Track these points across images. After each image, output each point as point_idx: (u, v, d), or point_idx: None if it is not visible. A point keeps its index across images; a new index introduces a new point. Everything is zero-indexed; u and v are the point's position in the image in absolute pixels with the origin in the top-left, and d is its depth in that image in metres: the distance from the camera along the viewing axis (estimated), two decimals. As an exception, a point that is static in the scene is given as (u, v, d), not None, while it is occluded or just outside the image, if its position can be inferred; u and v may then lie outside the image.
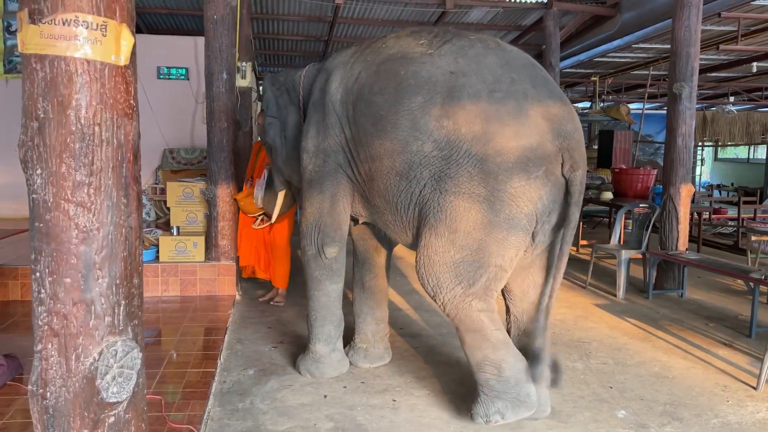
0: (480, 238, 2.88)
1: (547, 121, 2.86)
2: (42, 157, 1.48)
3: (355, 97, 3.21)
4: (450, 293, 2.97)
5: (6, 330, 4.18)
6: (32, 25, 1.44)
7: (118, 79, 1.52)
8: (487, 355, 2.98)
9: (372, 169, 3.16)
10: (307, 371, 3.67)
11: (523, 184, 2.82)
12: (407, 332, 4.57)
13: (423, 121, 2.92)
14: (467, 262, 2.91)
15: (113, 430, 1.57)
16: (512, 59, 3.01)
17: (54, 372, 1.52)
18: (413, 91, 2.96)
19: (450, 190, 2.88)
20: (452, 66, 2.95)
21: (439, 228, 2.93)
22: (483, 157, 2.82)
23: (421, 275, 3.04)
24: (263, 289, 5.81)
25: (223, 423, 3.09)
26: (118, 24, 1.50)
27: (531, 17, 8.81)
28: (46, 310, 1.51)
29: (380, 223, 3.39)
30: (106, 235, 1.53)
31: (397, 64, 3.08)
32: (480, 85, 2.88)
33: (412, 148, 2.94)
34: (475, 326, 2.98)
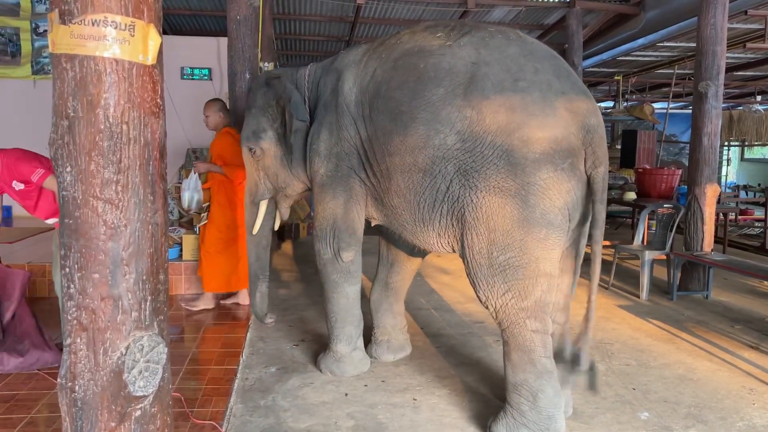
0: (521, 238, 2.78)
1: (571, 113, 2.78)
2: (72, 155, 1.51)
3: (372, 95, 3.16)
4: (501, 299, 2.86)
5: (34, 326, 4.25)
6: (62, 25, 1.47)
7: (145, 78, 1.55)
8: (528, 379, 2.85)
9: (391, 167, 3.09)
10: (329, 370, 3.69)
11: (552, 176, 2.73)
12: (428, 332, 4.57)
13: (445, 113, 2.84)
14: (514, 266, 2.80)
15: (139, 423, 1.60)
16: (535, 50, 2.94)
17: (83, 365, 1.55)
18: (434, 84, 2.90)
19: (479, 186, 2.80)
20: (473, 56, 2.87)
21: (478, 227, 2.85)
22: (509, 148, 2.73)
23: (472, 280, 2.96)
24: (286, 288, 5.85)
25: (245, 419, 3.12)
26: (146, 24, 1.53)
27: (553, 16, 8.76)
28: (75, 305, 1.55)
29: (395, 224, 3.31)
30: (133, 232, 1.56)
31: (415, 58, 3.02)
32: (503, 75, 2.81)
33: (434, 141, 2.87)
34: (525, 346, 2.85)
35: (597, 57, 9.59)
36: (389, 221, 3.37)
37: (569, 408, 3.17)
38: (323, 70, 3.56)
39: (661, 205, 6.25)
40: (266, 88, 3.66)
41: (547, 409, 2.84)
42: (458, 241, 2.99)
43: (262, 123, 3.65)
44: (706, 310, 5.33)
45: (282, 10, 8.45)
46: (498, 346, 4.23)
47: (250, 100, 3.75)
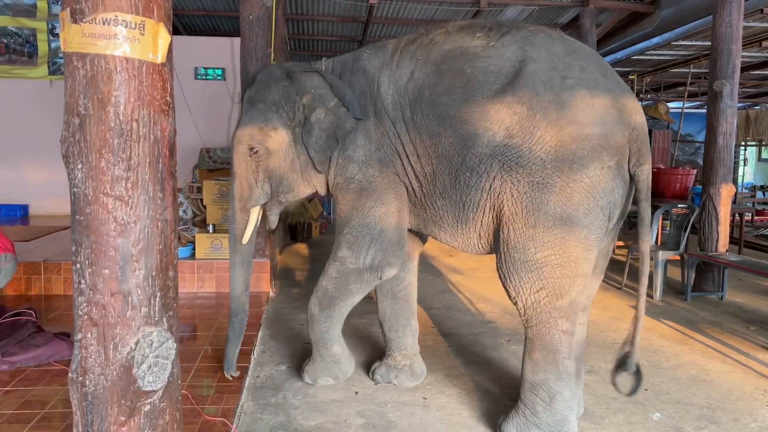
0: (562, 236, 2.75)
1: (618, 111, 2.77)
2: (83, 153, 1.53)
3: (412, 99, 3.06)
4: (533, 297, 2.83)
5: (50, 323, 4.31)
6: (74, 24, 1.49)
7: (155, 77, 1.57)
8: (548, 380, 2.84)
9: (437, 169, 3.02)
10: (331, 376, 3.53)
11: (598, 174, 2.72)
12: (439, 331, 4.57)
13: (494, 110, 2.82)
14: (551, 264, 2.78)
15: (149, 418, 1.62)
16: (579, 48, 2.94)
17: (93, 360, 1.57)
18: (483, 87, 2.87)
19: (523, 180, 2.78)
20: (520, 54, 2.86)
21: (516, 222, 2.83)
22: (558, 144, 2.72)
23: (503, 275, 2.92)
24: (298, 287, 5.87)
25: (255, 417, 3.14)
26: (156, 23, 1.55)
27: (566, 15, 8.71)
28: (85, 300, 1.57)
29: (432, 227, 3.21)
30: (142, 228, 1.58)
31: (460, 62, 2.95)
32: (552, 72, 2.80)
33: (483, 139, 2.85)
34: (552, 347, 2.83)
35: (611, 56, 9.52)
36: (426, 225, 3.25)
37: (581, 408, 3.16)
38: (344, 69, 3.33)
39: (675, 205, 6.20)
40: (287, 82, 3.29)
41: (562, 411, 2.83)
42: (495, 237, 2.95)
43: (273, 120, 3.28)
44: (720, 311, 5.28)
45: (295, 11, 8.48)
46: (508, 347, 4.22)
47: (258, 93, 3.35)
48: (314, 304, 3.42)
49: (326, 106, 3.19)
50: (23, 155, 7.93)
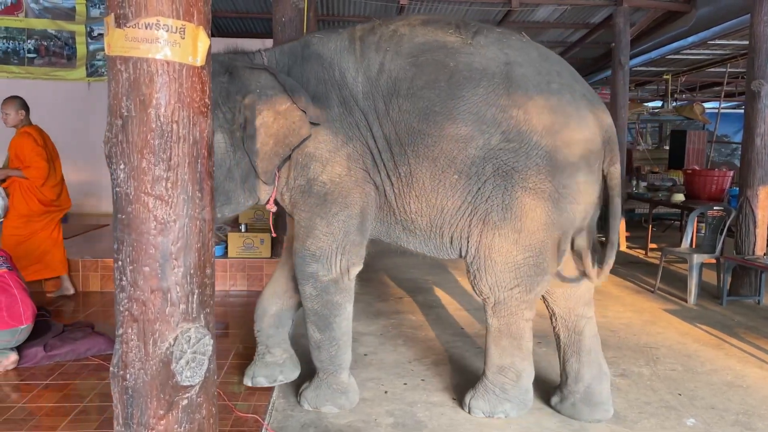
0: (542, 239, 2.90)
1: (594, 115, 2.91)
2: (125, 153, 1.58)
3: (386, 92, 2.91)
4: (506, 293, 2.98)
5: (87, 319, 4.42)
6: (118, 29, 1.54)
7: (194, 79, 1.61)
8: (515, 362, 3.08)
9: (416, 170, 2.92)
10: (335, 405, 3.20)
11: (586, 179, 2.88)
12: (469, 332, 4.56)
13: (490, 113, 2.82)
14: (529, 264, 2.93)
15: (186, 412, 1.66)
16: (548, 54, 3.03)
17: (133, 355, 1.62)
18: (471, 83, 2.83)
19: (516, 186, 2.84)
20: (503, 57, 2.87)
21: (504, 228, 2.90)
22: (553, 149, 2.81)
23: (479, 275, 3.01)
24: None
25: (286, 414, 3.18)
26: (196, 27, 1.58)
27: (600, 14, 8.61)
28: (126, 296, 1.61)
29: (400, 232, 3.13)
30: (181, 227, 1.61)
31: (441, 55, 2.88)
32: (538, 77, 2.86)
33: (477, 142, 2.84)
34: (518, 334, 3.06)
35: (645, 56, 9.40)
36: (390, 230, 3.15)
37: (609, 407, 3.14)
38: (294, 58, 3.03)
39: (711, 207, 6.08)
40: (226, 78, 2.86)
41: (526, 384, 3.12)
42: (469, 239, 2.99)
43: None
44: (757, 315, 5.16)
45: (326, 12, 8.54)
46: (538, 349, 4.19)
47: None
48: (313, 330, 3.17)
49: (275, 108, 2.83)
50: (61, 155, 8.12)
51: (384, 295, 5.64)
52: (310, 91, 2.93)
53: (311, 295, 3.10)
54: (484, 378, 3.17)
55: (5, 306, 3.50)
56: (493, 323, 3.09)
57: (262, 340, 3.43)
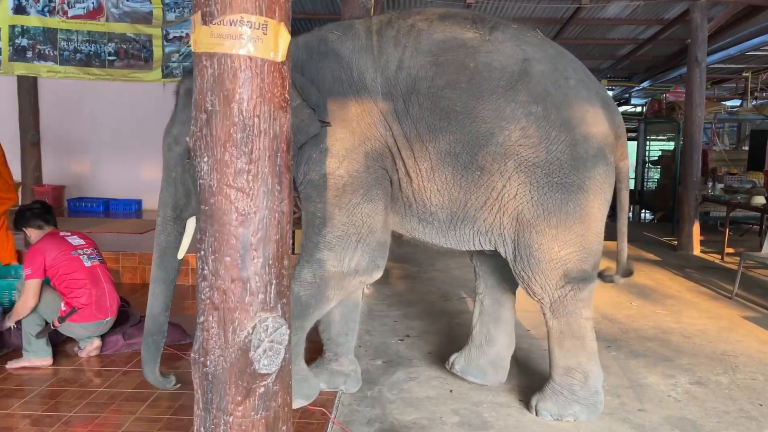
0: (582, 232, 2.93)
1: (607, 110, 2.99)
2: (209, 146, 1.63)
3: (406, 90, 2.90)
4: (559, 292, 2.99)
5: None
6: (204, 26, 1.59)
7: (275, 75, 1.64)
8: (581, 362, 3.06)
9: (437, 165, 2.92)
10: (301, 396, 3.10)
11: (605, 170, 2.95)
12: (536, 334, 4.49)
13: (510, 109, 2.85)
14: (575, 260, 2.94)
15: (263, 399, 1.70)
16: (563, 51, 3.08)
17: (214, 342, 1.67)
18: (490, 83, 2.86)
19: (542, 182, 2.88)
20: (520, 53, 2.90)
21: (539, 225, 2.91)
22: (572, 143, 2.86)
23: (527, 277, 3.01)
24: (390, 285, 5.94)
25: (352, 408, 3.21)
26: (277, 23, 1.62)
27: (675, 10, 8.29)
28: (208, 285, 1.67)
29: (416, 224, 3.10)
30: (261, 219, 1.65)
31: (461, 55, 2.88)
32: (555, 73, 2.91)
33: (498, 139, 2.86)
34: (579, 334, 3.05)
35: (723, 52, 8.99)
36: (405, 222, 3.12)
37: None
38: (310, 52, 3.00)
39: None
40: None
41: (595, 385, 3.09)
42: (504, 238, 3.01)
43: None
44: None
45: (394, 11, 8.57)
46: (608, 353, 4.08)
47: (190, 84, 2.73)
48: None
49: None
50: (137, 154, 8.51)
51: (447, 294, 5.62)
52: (326, 89, 2.90)
53: (305, 281, 2.99)
54: (551, 380, 3.14)
55: (95, 299, 3.68)
56: (553, 325, 3.08)
57: (331, 348, 3.44)
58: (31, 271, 3.60)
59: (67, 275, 3.64)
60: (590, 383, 3.07)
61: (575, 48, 10.76)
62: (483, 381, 3.44)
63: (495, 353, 3.47)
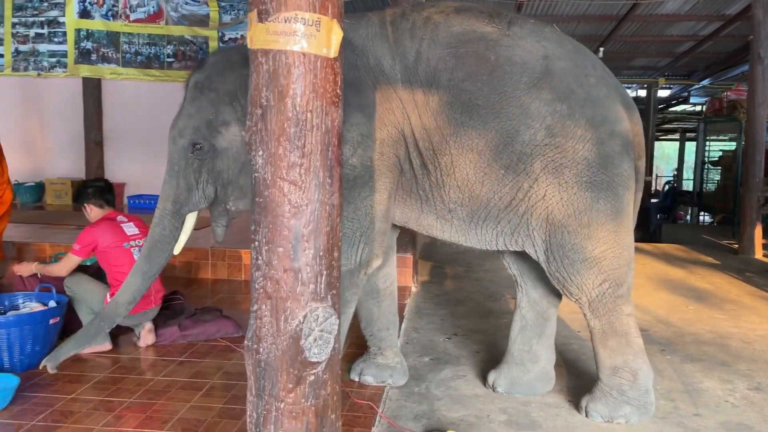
0: (614, 229, 2.90)
1: (625, 107, 2.97)
2: (264, 140, 1.68)
3: (426, 81, 2.82)
4: (596, 290, 2.93)
5: (215, 304, 4.73)
6: (259, 23, 1.64)
7: (327, 70, 1.68)
8: (628, 361, 3.00)
9: (458, 161, 2.85)
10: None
11: (629, 167, 2.93)
12: (583, 336, 4.41)
13: (534, 107, 2.78)
14: (609, 256, 2.90)
15: (313, 387, 1.74)
16: (580, 46, 3.04)
17: (266, 330, 1.72)
18: (512, 78, 2.79)
19: (571, 182, 2.82)
20: (541, 50, 2.84)
21: (571, 225, 2.86)
22: (599, 141, 2.82)
23: (562, 278, 2.95)
24: (437, 284, 5.95)
25: (400, 404, 3.24)
26: (330, 19, 1.66)
27: (736, 5, 8.04)
28: (261, 275, 1.72)
29: (433, 220, 3.02)
30: (313, 211, 1.70)
31: (481, 47, 2.82)
32: (576, 70, 2.88)
33: (523, 137, 2.79)
34: (623, 331, 2.99)
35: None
36: (421, 219, 3.05)
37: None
38: None
39: None
40: (248, 71, 2.80)
41: (645, 384, 3.02)
42: (534, 239, 2.93)
43: (224, 114, 2.84)
44: None
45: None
46: (663, 357, 3.98)
47: (210, 80, 2.88)
48: None
49: None
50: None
51: (494, 294, 5.58)
52: (348, 77, 2.74)
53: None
54: (599, 382, 3.08)
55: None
56: (594, 325, 3.03)
57: (374, 342, 3.46)
58: (79, 248, 3.75)
59: (114, 266, 3.73)
60: (639, 382, 3.00)
61: (631, 45, 10.54)
62: (532, 395, 3.34)
63: (539, 369, 3.36)
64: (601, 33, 9.56)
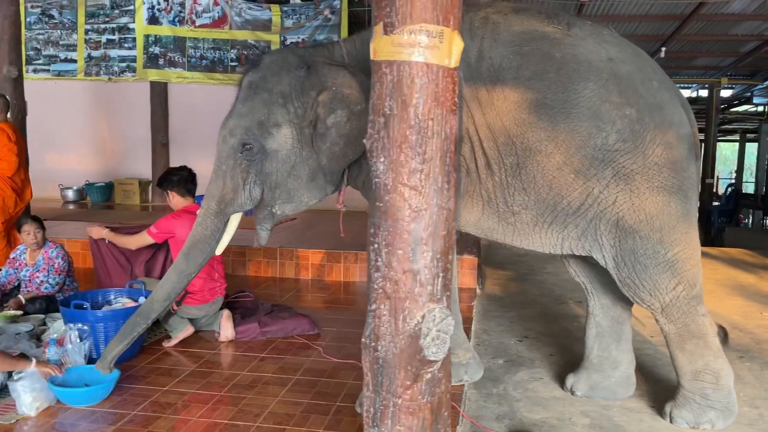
0: (685, 230, 2.88)
1: (685, 110, 2.95)
2: (385, 147, 1.76)
3: (489, 79, 2.77)
4: (671, 294, 2.89)
5: (284, 302, 4.85)
6: (385, 36, 1.72)
7: (448, 80, 1.75)
8: (708, 363, 2.95)
9: (524, 162, 2.79)
10: None
11: (695, 169, 2.95)
12: (657, 341, 4.37)
13: (605, 109, 2.73)
14: (681, 258, 2.87)
15: (429, 385, 1.81)
16: (637, 49, 3.01)
17: (385, 329, 1.80)
18: (581, 77, 2.73)
19: (642, 187, 2.79)
20: (602, 52, 2.81)
21: (643, 230, 2.82)
22: (668, 146, 2.80)
23: (634, 284, 2.91)
24: (501, 286, 5.96)
25: (480, 404, 3.28)
26: (452, 31, 1.73)
27: (810, 3, 7.78)
28: (381, 276, 1.80)
29: (495, 223, 2.96)
30: (431, 215, 1.77)
31: (546, 45, 2.77)
32: (641, 74, 2.85)
33: (595, 141, 2.73)
34: (699, 332, 2.95)
35: None
36: (482, 221, 2.98)
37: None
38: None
39: None
40: (303, 73, 2.81)
41: (728, 385, 2.98)
42: (602, 244, 2.89)
43: (276, 115, 2.82)
44: None
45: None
46: (741, 363, 3.92)
47: (264, 80, 2.85)
48: None
49: (350, 108, 2.74)
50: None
51: (560, 297, 5.56)
52: None
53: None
54: (681, 388, 3.05)
55: (206, 285, 3.96)
56: (670, 329, 2.99)
57: None
58: (156, 232, 3.96)
59: None
60: (722, 383, 2.96)
61: (693, 45, 10.32)
62: (613, 399, 3.32)
63: (621, 374, 3.33)
64: (663, 32, 9.38)
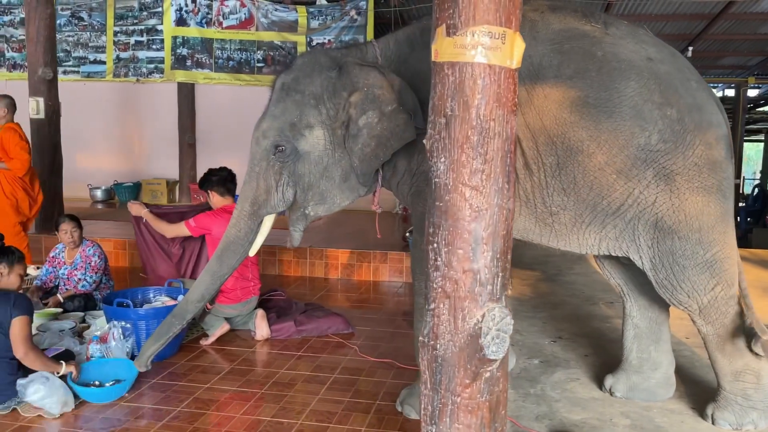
0: (723, 230, 2.87)
1: (720, 111, 2.94)
2: (446, 148, 1.77)
3: (529, 78, 2.74)
4: (709, 295, 2.87)
5: (316, 301, 4.89)
6: (447, 37, 1.73)
7: (509, 81, 1.76)
8: (749, 362, 2.93)
9: (564, 162, 2.77)
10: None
11: (732, 169, 2.94)
12: (690, 343, 4.34)
13: (647, 109, 2.72)
14: (719, 258, 2.85)
15: (488, 384, 1.82)
16: (672, 49, 2.99)
17: (444, 328, 1.81)
18: (622, 76, 2.71)
19: (682, 188, 2.77)
20: (642, 51, 2.80)
21: (682, 231, 2.81)
22: (708, 146, 2.80)
23: (671, 285, 2.90)
24: (530, 287, 5.95)
25: (518, 404, 3.29)
26: (513, 32, 1.74)
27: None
28: (440, 275, 1.81)
29: (532, 224, 2.94)
30: (492, 215, 1.78)
31: (587, 44, 2.75)
32: (680, 74, 2.85)
33: (638, 141, 2.71)
34: (738, 332, 2.92)
35: None
36: (519, 223, 2.94)
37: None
38: (413, 45, 2.91)
39: None
40: (335, 74, 2.83)
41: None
42: (639, 245, 2.87)
43: (308, 116, 2.84)
44: None
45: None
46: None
47: (297, 81, 2.88)
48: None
49: (381, 109, 2.75)
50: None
51: (591, 298, 5.53)
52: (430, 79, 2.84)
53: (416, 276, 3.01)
54: (722, 389, 3.03)
55: (239, 284, 4.02)
56: (708, 331, 2.97)
57: None
58: (194, 226, 4.08)
59: None
60: (763, 382, 2.94)
61: (721, 44, 10.22)
62: (653, 401, 3.31)
63: (661, 375, 3.32)
64: (690, 32, 9.31)
